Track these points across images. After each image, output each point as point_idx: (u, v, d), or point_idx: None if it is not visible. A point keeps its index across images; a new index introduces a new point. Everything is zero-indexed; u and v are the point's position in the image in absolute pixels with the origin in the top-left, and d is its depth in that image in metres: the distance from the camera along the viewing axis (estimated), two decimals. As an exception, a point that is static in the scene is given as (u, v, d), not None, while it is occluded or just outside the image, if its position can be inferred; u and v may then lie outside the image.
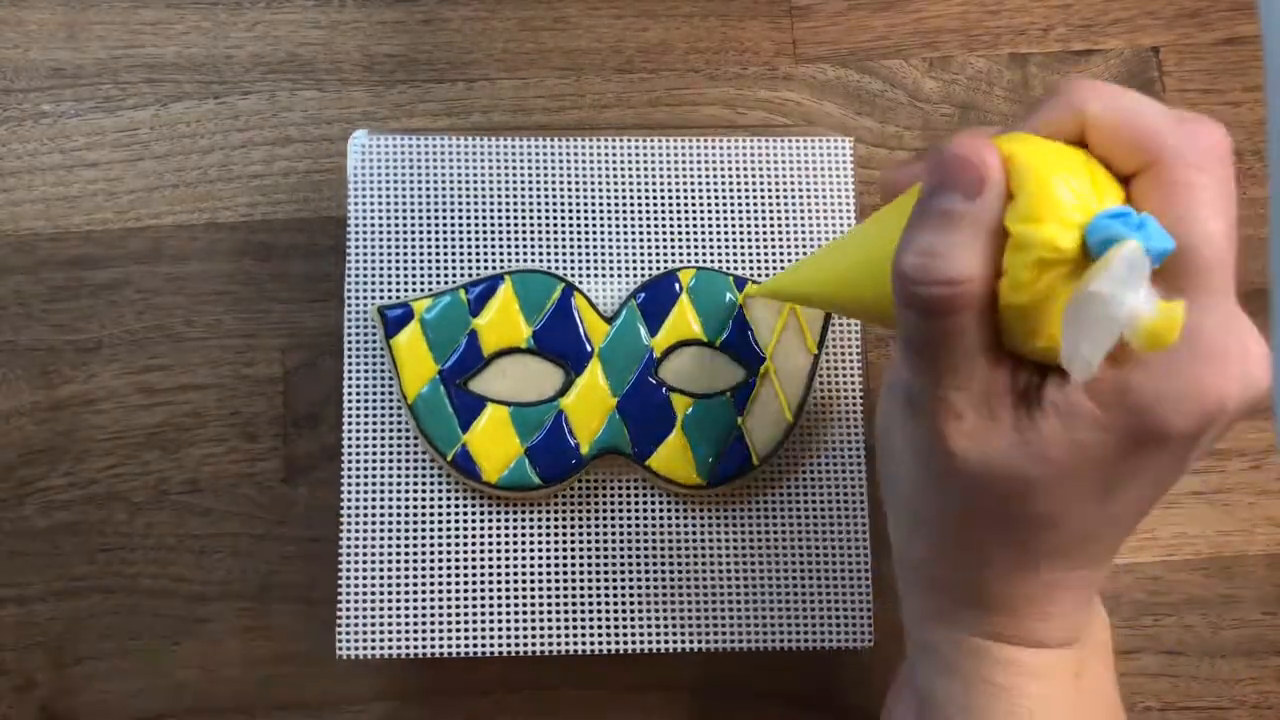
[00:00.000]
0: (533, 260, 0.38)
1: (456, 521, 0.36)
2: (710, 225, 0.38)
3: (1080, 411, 0.24)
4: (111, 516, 0.39)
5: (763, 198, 0.38)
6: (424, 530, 0.36)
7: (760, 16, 0.43)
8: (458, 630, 0.35)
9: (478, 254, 0.37)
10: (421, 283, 0.37)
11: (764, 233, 0.38)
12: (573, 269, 0.38)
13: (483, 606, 0.36)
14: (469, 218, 0.38)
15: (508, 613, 0.36)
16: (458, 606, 0.36)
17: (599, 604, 0.36)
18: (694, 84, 0.42)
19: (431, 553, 0.36)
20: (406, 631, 0.35)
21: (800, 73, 0.43)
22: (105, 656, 0.38)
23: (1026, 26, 0.43)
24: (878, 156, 0.42)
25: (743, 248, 0.38)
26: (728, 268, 0.38)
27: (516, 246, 0.38)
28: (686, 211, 0.38)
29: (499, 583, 0.36)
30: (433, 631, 0.35)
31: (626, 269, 0.38)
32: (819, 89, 0.43)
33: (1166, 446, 0.24)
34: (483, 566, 0.36)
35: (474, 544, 0.36)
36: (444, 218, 0.38)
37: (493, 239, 0.38)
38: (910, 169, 0.29)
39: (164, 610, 0.38)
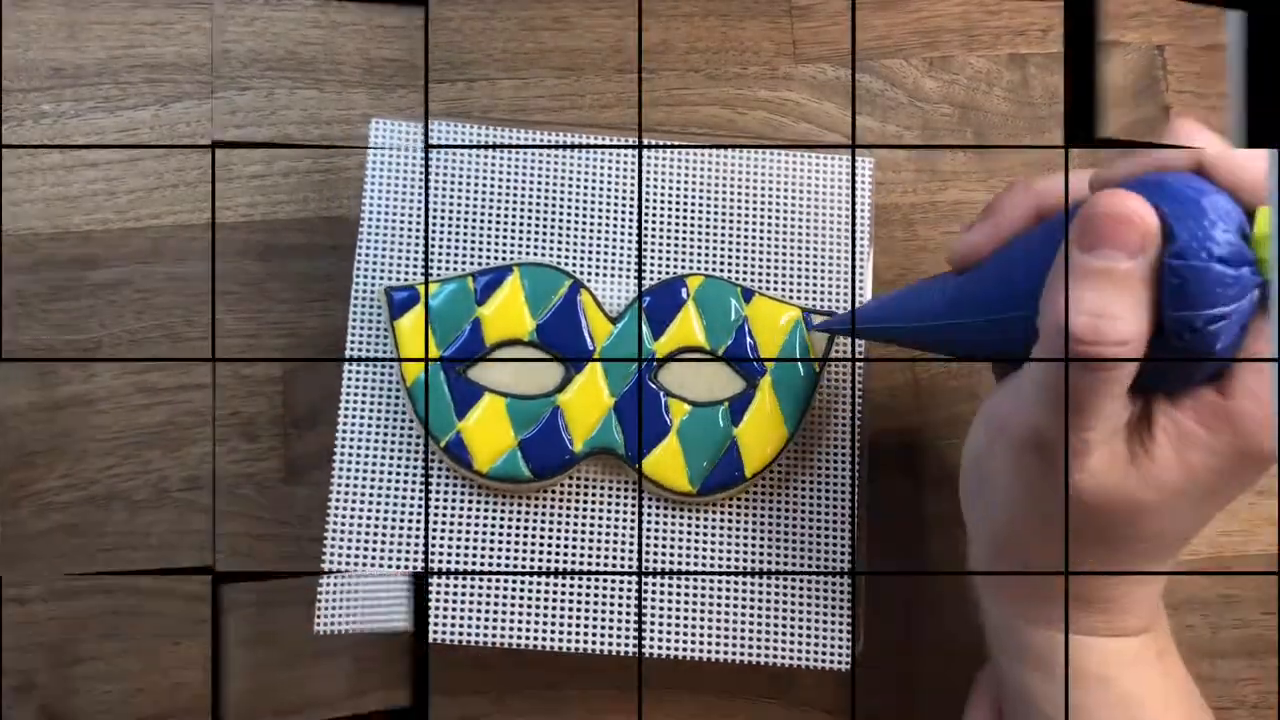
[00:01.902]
0: (544, 254, 0.38)
1: (444, 508, 0.36)
2: (724, 234, 0.38)
3: (1191, 435, 0.26)
4: (111, 516, 0.39)
5: (779, 211, 0.38)
6: (411, 513, 0.36)
7: (760, 16, 0.43)
8: (433, 615, 0.35)
9: (488, 244, 0.38)
10: (430, 269, 0.37)
11: (777, 246, 0.38)
12: (583, 266, 0.38)
13: (461, 593, 0.36)
14: (482, 208, 0.38)
15: (487, 602, 0.36)
16: (436, 591, 0.36)
17: (581, 602, 0.36)
18: (694, 84, 0.42)
19: (416, 536, 0.36)
20: (382, 609, 0.35)
21: (800, 73, 0.43)
22: (105, 656, 0.38)
23: (1026, 27, 0.43)
24: (878, 157, 0.42)
25: (753, 259, 0.38)
26: (738, 278, 0.38)
27: (528, 239, 0.38)
28: (702, 219, 0.38)
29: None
30: (409, 612, 0.35)
31: (635, 271, 0.38)
32: (819, 89, 0.43)
33: (1264, 464, 0.27)
34: (465, 555, 0.36)
35: (459, 531, 0.36)
36: (457, 207, 0.38)
37: (504, 230, 0.38)
38: (981, 232, 0.31)
39: (164, 610, 0.39)
